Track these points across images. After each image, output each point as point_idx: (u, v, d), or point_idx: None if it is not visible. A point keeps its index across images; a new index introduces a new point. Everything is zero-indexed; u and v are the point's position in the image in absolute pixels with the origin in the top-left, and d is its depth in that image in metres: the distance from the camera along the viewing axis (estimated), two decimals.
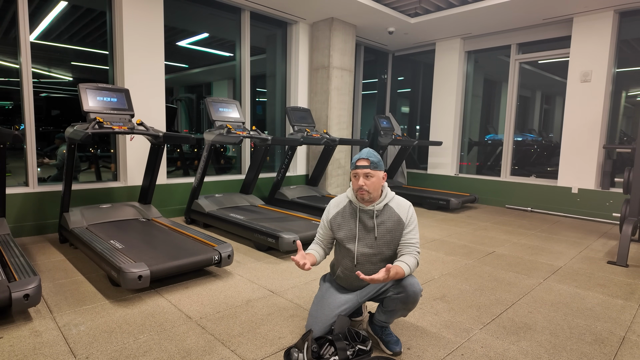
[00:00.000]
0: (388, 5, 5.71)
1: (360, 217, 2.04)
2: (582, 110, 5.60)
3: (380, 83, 8.25)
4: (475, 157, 7.46)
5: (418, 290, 1.91)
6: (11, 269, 2.46)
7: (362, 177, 1.96)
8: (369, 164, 1.96)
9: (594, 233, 4.82)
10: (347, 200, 2.12)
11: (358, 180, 1.97)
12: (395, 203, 2.05)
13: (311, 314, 2.06)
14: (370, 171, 1.95)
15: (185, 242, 3.24)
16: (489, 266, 3.44)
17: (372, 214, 2.02)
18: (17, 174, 4.19)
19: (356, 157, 2.01)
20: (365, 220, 2.03)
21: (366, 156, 1.98)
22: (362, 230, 2.03)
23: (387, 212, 2.02)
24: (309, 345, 1.81)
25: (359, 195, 1.99)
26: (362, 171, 1.96)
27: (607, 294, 2.86)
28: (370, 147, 2.27)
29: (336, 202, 2.15)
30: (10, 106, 4.21)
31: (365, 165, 1.96)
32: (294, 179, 6.42)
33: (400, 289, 1.91)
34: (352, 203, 2.08)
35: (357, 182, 1.98)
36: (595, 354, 2.03)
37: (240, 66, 5.74)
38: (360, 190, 1.97)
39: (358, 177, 1.97)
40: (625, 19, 5.38)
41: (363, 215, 2.04)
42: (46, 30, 4.26)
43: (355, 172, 1.98)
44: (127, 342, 2.05)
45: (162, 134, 3.58)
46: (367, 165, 1.96)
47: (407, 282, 1.91)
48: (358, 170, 1.97)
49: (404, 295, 1.90)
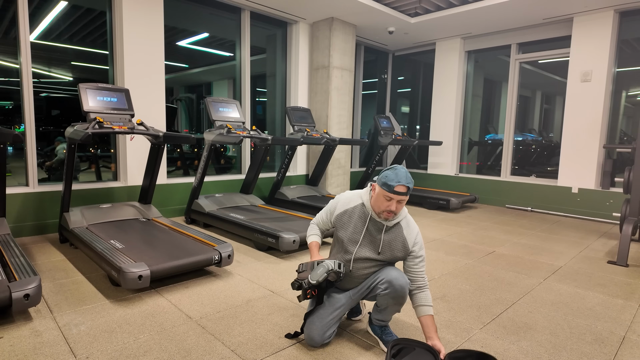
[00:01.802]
0: (388, 5, 5.71)
1: (369, 225, 1.99)
2: (582, 110, 5.59)
3: (380, 83, 8.25)
4: (475, 157, 7.46)
5: (404, 284, 1.91)
6: (11, 269, 2.46)
7: (396, 202, 1.85)
8: (407, 190, 1.82)
9: (594, 233, 4.82)
10: (359, 202, 2.03)
11: (391, 204, 1.85)
12: (406, 223, 1.99)
13: (310, 305, 2.08)
14: (405, 198, 1.86)
15: (186, 242, 3.24)
16: (489, 266, 3.44)
17: (382, 227, 1.96)
18: (17, 174, 4.19)
19: (392, 177, 1.82)
20: (373, 230, 1.98)
21: (406, 183, 1.81)
22: (366, 238, 2.00)
23: (396, 231, 1.97)
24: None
25: (383, 215, 1.90)
26: (398, 197, 1.83)
27: (607, 294, 2.86)
28: (370, 147, 2.27)
29: (347, 200, 2.07)
30: (10, 106, 4.21)
31: (404, 193, 1.82)
32: (294, 178, 6.42)
33: (387, 284, 1.91)
34: (365, 207, 2.01)
35: (388, 205, 1.86)
36: (596, 354, 2.03)
37: (240, 66, 5.74)
38: (388, 213, 1.88)
39: (392, 201, 1.84)
40: (625, 18, 5.37)
41: (372, 224, 1.99)
42: (46, 30, 4.26)
43: (391, 196, 1.83)
44: (128, 341, 2.05)
45: (162, 134, 3.58)
46: (404, 192, 1.82)
47: (392, 276, 1.91)
48: (395, 195, 1.82)
49: (391, 290, 1.91)
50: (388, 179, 1.82)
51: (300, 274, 1.94)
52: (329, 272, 1.88)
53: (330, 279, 1.90)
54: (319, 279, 1.86)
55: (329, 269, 1.88)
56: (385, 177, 1.84)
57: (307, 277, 1.90)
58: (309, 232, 2.20)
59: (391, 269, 1.96)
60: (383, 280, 1.93)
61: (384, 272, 1.96)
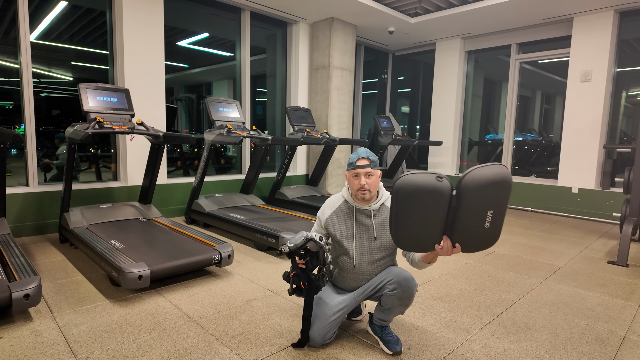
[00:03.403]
0: (388, 5, 5.71)
1: (357, 216, 2.03)
2: (583, 110, 5.59)
3: (380, 83, 8.25)
4: (475, 157, 7.46)
5: (413, 286, 1.92)
6: (11, 269, 2.46)
7: (363, 176, 1.94)
8: (370, 162, 1.94)
9: (594, 233, 4.82)
10: (342, 200, 2.10)
11: (359, 179, 1.95)
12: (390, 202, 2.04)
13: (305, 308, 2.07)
14: (371, 170, 1.94)
15: (186, 242, 3.24)
16: (489, 266, 3.44)
17: (370, 213, 2.02)
18: (17, 174, 4.19)
19: (353, 156, 1.98)
20: (362, 220, 2.03)
21: (365, 155, 1.96)
22: (359, 229, 2.03)
23: (384, 212, 2.02)
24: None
25: (359, 194, 1.97)
26: (363, 170, 1.94)
27: (607, 294, 2.86)
28: (371, 147, 2.29)
29: (331, 203, 2.14)
30: (11, 106, 4.21)
31: (366, 165, 1.94)
32: (294, 178, 6.42)
33: (395, 285, 1.92)
34: (348, 203, 2.07)
35: (359, 181, 1.95)
36: (596, 354, 2.03)
37: (241, 66, 5.74)
38: (362, 190, 1.95)
39: (359, 177, 1.95)
40: (625, 18, 5.37)
41: (359, 215, 2.03)
42: (46, 30, 4.26)
43: (356, 172, 1.95)
44: (128, 341, 2.05)
45: (162, 134, 3.58)
46: (367, 164, 1.94)
47: (402, 277, 1.93)
48: (359, 169, 1.94)
49: (399, 291, 1.91)
50: (350, 159, 1.99)
51: (282, 246, 1.95)
52: (307, 239, 1.84)
53: (309, 247, 1.85)
54: (296, 242, 1.83)
55: (308, 237, 1.84)
56: (349, 160, 2.00)
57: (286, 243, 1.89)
58: None
59: (400, 270, 1.98)
60: (392, 281, 1.94)
61: (392, 273, 1.97)
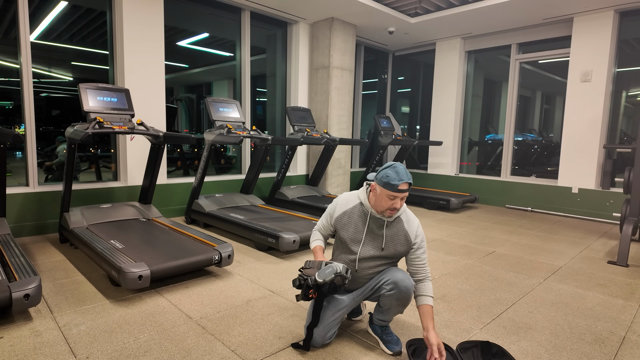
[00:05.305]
0: (388, 5, 5.71)
1: (370, 223, 2.00)
2: (583, 110, 5.59)
3: (381, 83, 8.25)
4: (475, 157, 7.46)
5: (410, 285, 1.92)
6: (11, 269, 2.46)
7: (400, 200, 1.86)
8: (409, 187, 1.86)
9: (594, 233, 4.82)
10: (357, 202, 2.05)
11: (394, 202, 1.86)
12: (406, 217, 2.01)
13: (310, 316, 2.06)
14: (407, 194, 1.88)
15: (186, 242, 3.24)
16: (489, 266, 3.44)
17: (383, 223, 1.98)
18: (17, 174, 4.19)
19: (394, 176, 1.83)
20: (374, 228, 1.99)
21: (407, 179, 1.83)
22: (368, 236, 2.00)
23: (397, 226, 1.98)
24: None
25: (387, 213, 1.91)
26: (402, 195, 1.85)
27: (607, 294, 2.86)
28: (370, 147, 2.27)
29: (345, 201, 2.08)
30: (11, 106, 4.21)
31: (406, 190, 1.85)
32: (294, 178, 6.42)
33: (392, 285, 1.92)
34: (364, 206, 2.02)
35: (392, 203, 1.87)
36: (596, 354, 2.03)
37: (241, 66, 5.74)
38: (392, 211, 1.90)
39: (395, 199, 1.86)
40: (625, 18, 5.37)
41: (373, 222, 1.99)
42: (46, 30, 4.26)
43: (395, 194, 1.84)
44: (128, 342, 2.05)
45: (162, 134, 3.58)
46: (408, 189, 1.86)
47: (398, 278, 1.92)
48: (399, 194, 1.84)
49: (396, 291, 1.91)
50: (390, 178, 1.83)
51: (307, 270, 1.89)
52: (336, 274, 1.82)
53: (336, 282, 1.84)
54: (325, 278, 1.80)
55: (337, 271, 1.82)
56: (387, 177, 1.84)
57: (313, 275, 1.84)
58: (312, 238, 2.19)
59: (396, 270, 1.97)
60: (389, 281, 1.93)
61: (389, 273, 1.96)
